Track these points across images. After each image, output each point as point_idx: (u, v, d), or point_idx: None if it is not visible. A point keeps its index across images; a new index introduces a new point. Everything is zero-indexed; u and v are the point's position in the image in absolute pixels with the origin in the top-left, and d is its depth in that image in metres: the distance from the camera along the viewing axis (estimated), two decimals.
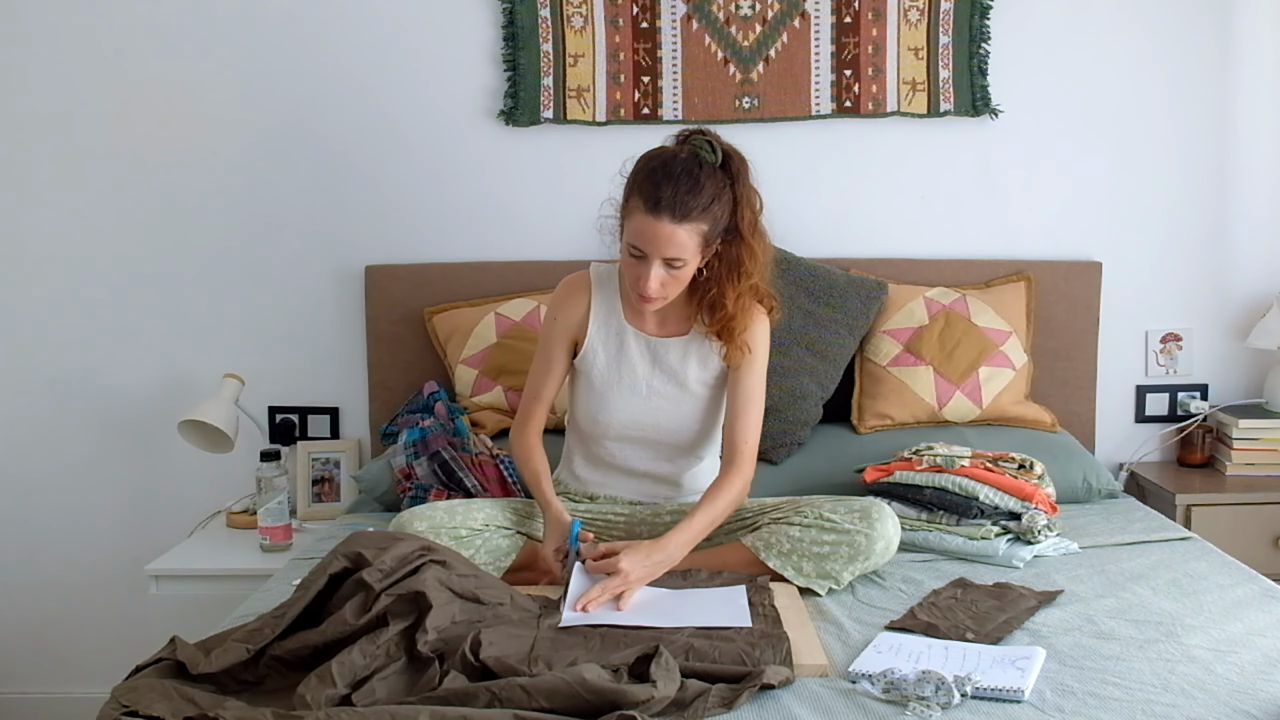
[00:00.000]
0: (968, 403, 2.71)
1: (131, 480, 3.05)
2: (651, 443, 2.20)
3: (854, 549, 2.01)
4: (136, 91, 2.94)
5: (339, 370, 3.02)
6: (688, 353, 2.17)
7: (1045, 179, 2.96)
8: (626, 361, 2.17)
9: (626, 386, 2.17)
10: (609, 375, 2.17)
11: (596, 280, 2.21)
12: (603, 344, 2.18)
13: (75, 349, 3.01)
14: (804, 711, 1.53)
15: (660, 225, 1.96)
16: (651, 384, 2.17)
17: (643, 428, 2.18)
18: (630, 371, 2.17)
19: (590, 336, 2.18)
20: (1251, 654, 1.70)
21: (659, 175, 1.99)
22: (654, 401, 2.17)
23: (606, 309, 2.19)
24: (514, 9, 2.88)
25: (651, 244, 1.98)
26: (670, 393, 2.17)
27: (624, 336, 2.18)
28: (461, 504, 2.12)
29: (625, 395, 2.17)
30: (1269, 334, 2.85)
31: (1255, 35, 2.92)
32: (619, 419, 2.17)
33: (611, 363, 2.17)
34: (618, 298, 2.20)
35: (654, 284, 2.01)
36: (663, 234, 1.97)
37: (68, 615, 3.08)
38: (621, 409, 2.17)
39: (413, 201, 2.96)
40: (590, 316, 2.19)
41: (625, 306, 2.19)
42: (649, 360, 2.17)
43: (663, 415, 2.17)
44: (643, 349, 2.18)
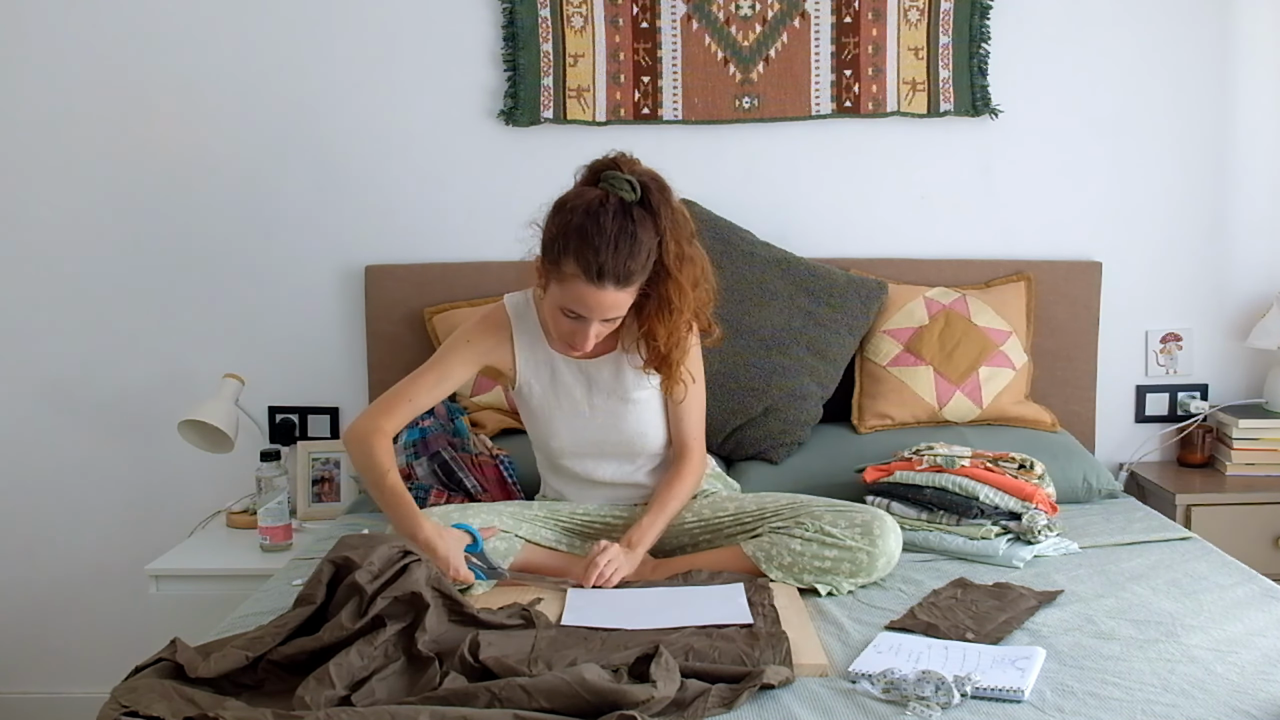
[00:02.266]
0: (968, 403, 2.71)
1: (131, 480, 3.05)
2: (608, 454, 2.20)
3: (855, 565, 2.01)
4: (136, 91, 2.94)
5: (339, 370, 3.02)
6: (620, 367, 2.15)
7: (1045, 179, 2.96)
8: (562, 388, 2.16)
9: (568, 411, 2.16)
10: (548, 402, 2.17)
11: (515, 316, 2.18)
12: (535, 376, 2.16)
13: (75, 349, 3.02)
14: (804, 711, 1.53)
15: (603, 294, 1.93)
16: (593, 403, 2.16)
17: (595, 444, 2.18)
18: (568, 396, 2.16)
19: (521, 372, 2.16)
20: (1251, 654, 1.70)
21: (594, 239, 1.91)
22: (599, 420, 2.16)
23: (530, 342, 2.17)
24: (514, 9, 2.88)
25: (593, 310, 1.96)
26: (613, 408, 2.16)
27: (553, 364, 2.16)
28: (457, 510, 2.10)
29: (569, 419, 2.16)
30: (1269, 334, 2.85)
31: (1255, 35, 2.92)
32: (569, 441, 2.18)
33: (548, 392, 2.16)
34: (539, 329, 2.17)
35: (591, 341, 2.01)
36: (605, 301, 1.94)
37: (68, 615, 3.08)
38: (568, 431, 2.17)
39: (413, 201, 2.96)
40: (516, 353, 2.16)
41: (548, 336, 2.16)
42: (584, 383, 2.16)
43: (610, 430, 2.17)
44: (575, 373, 2.16)
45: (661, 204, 1.98)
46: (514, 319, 2.17)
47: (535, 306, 2.17)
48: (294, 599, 1.70)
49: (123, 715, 1.47)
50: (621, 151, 2.03)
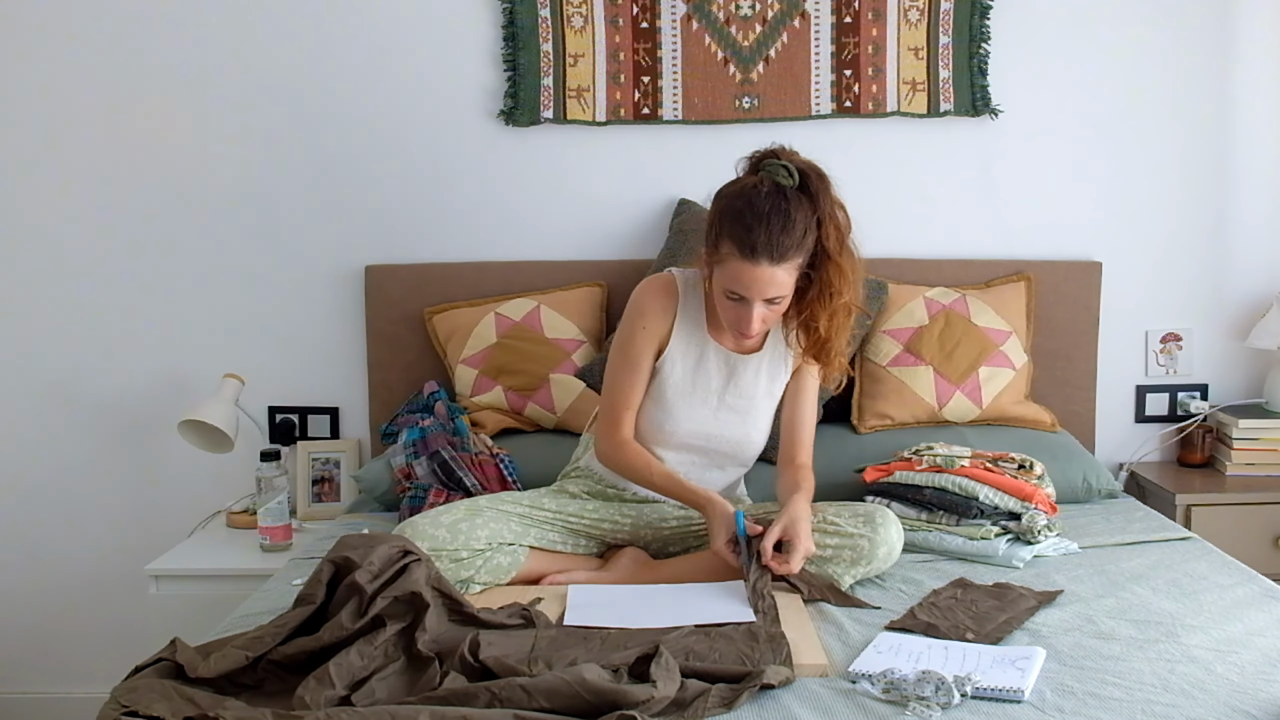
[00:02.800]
0: (968, 403, 2.71)
1: (131, 480, 3.05)
2: (710, 452, 2.21)
3: (856, 553, 2.01)
4: (136, 91, 2.94)
5: (339, 370, 3.02)
6: (761, 369, 2.19)
7: (1045, 179, 2.96)
8: (703, 374, 2.17)
9: (699, 399, 2.17)
10: (684, 386, 2.17)
11: (683, 290, 2.18)
12: (683, 355, 2.17)
13: (75, 349, 3.01)
14: (804, 711, 1.53)
15: (759, 270, 1.95)
16: (723, 398, 2.18)
17: (707, 438, 2.19)
18: (705, 384, 2.17)
19: (671, 346, 2.16)
20: (1251, 654, 1.70)
21: (749, 218, 1.95)
22: (722, 415, 2.18)
23: (691, 320, 2.17)
24: (514, 9, 2.88)
25: (751, 288, 1.98)
26: (739, 406, 2.19)
27: (705, 350, 2.17)
28: (465, 521, 2.05)
29: (696, 407, 2.17)
30: (1269, 334, 2.85)
31: (1255, 35, 2.91)
32: (685, 428, 2.18)
33: (688, 374, 2.17)
34: (702, 309, 2.17)
35: (757, 324, 2.02)
36: (762, 278, 1.96)
37: (68, 615, 3.08)
38: (690, 419, 2.18)
39: (413, 201, 2.96)
40: (675, 327, 2.16)
41: (709, 319, 2.17)
42: (725, 375, 2.18)
43: (728, 428, 2.19)
44: (721, 363, 2.17)
45: (820, 190, 2.01)
46: (681, 291, 2.17)
47: (702, 288, 2.17)
48: (294, 599, 1.70)
49: (123, 715, 1.47)
50: (781, 145, 2.06)
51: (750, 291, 1.98)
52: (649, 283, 2.20)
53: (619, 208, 2.96)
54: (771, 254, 1.95)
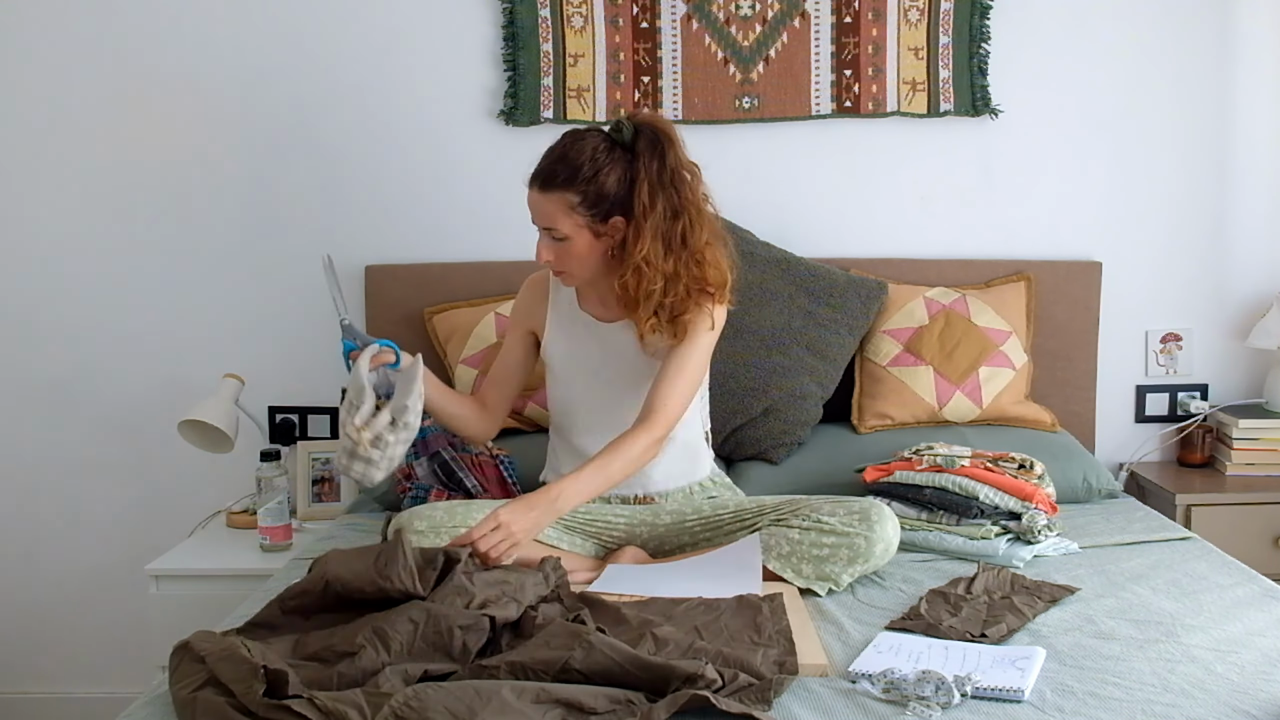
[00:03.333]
0: (968, 403, 2.71)
1: (131, 480, 3.05)
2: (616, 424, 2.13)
3: (853, 551, 2.01)
4: (136, 91, 2.94)
5: (339, 370, 3.00)
6: (630, 334, 2.20)
7: (1045, 179, 2.96)
8: (581, 349, 2.24)
9: (586, 376, 2.23)
10: (568, 366, 2.25)
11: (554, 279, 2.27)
12: (563, 335, 2.26)
13: (75, 349, 3.01)
14: (804, 711, 1.53)
15: (531, 194, 2.07)
16: (606, 363, 2.22)
17: (608, 413, 2.18)
18: (586, 359, 2.24)
19: (549, 330, 2.27)
20: (1251, 654, 1.70)
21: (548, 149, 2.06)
22: (613, 390, 2.22)
23: (565, 299, 2.27)
24: (514, 9, 2.88)
25: (532, 213, 2.09)
26: (625, 376, 2.21)
27: (575, 324, 2.25)
28: (461, 504, 2.11)
29: (587, 385, 2.24)
30: (1269, 334, 2.86)
31: (1255, 35, 2.92)
32: (582, 408, 2.23)
33: (568, 354, 2.25)
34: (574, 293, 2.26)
35: (542, 253, 2.10)
36: (531, 201, 2.07)
37: (68, 615, 3.08)
38: (582, 399, 2.23)
39: (413, 201, 2.96)
40: (550, 308, 2.27)
41: (579, 294, 2.26)
42: (598, 346, 2.23)
43: (624, 404, 2.17)
44: (590, 334, 2.24)
45: (646, 151, 2.03)
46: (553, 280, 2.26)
47: None
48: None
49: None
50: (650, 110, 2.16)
51: (533, 217, 2.08)
52: (525, 283, 2.35)
53: None
54: (537, 179, 2.04)
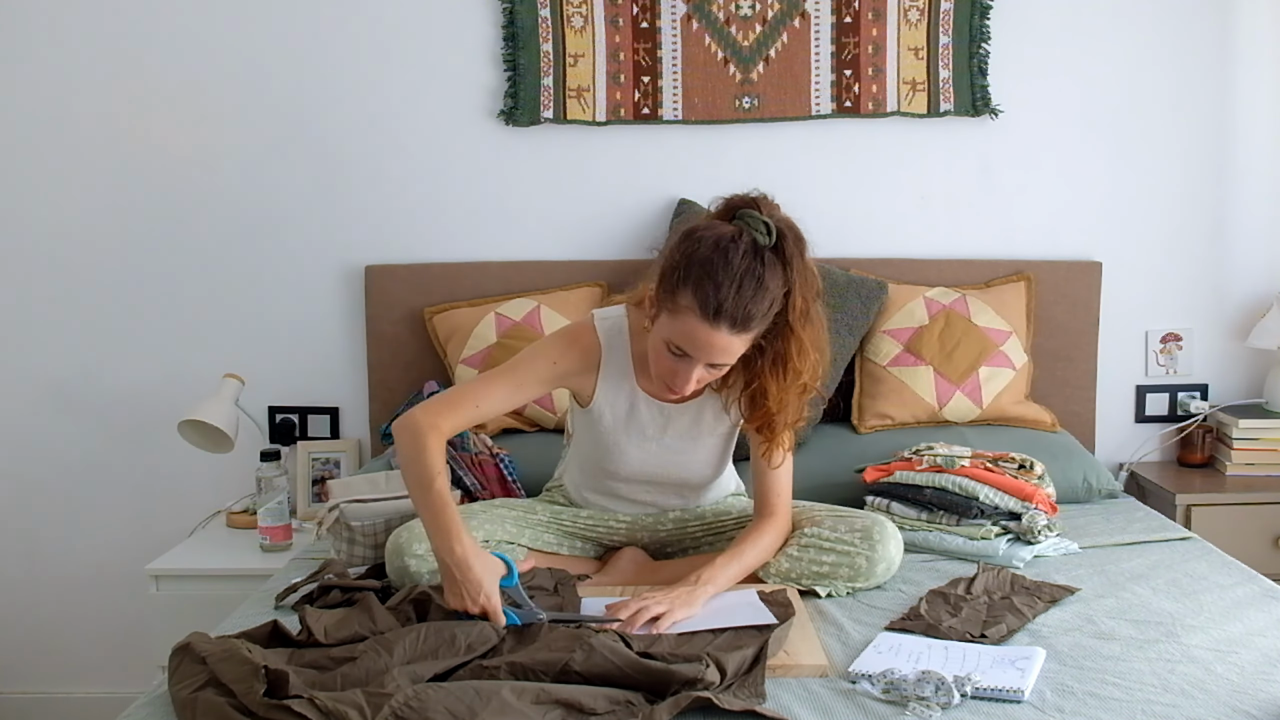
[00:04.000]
0: (968, 403, 2.71)
1: (131, 480, 3.05)
2: (662, 484, 2.13)
3: (854, 570, 2.00)
4: (136, 91, 2.94)
5: (339, 370, 3.02)
6: (701, 412, 2.06)
7: (1045, 179, 2.96)
8: (636, 423, 2.05)
9: (635, 443, 2.06)
10: (618, 431, 2.05)
11: (606, 343, 2.02)
12: (610, 406, 2.04)
13: (75, 349, 3.02)
14: (804, 711, 1.53)
15: (717, 335, 1.77)
16: (663, 441, 2.06)
17: (651, 475, 2.11)
18: (639, 432, 2.05)
19: (598, 400, 2.03)
20: (1251, 654, 1.70)
21: (718, 273, 1.75)
22: (665, 456, 2.08)
23: (618, 374, 2.02)
24: (514, 9, 2.88)
25: (701, 350, 1.80)
26: (683, 447, 2.08)
27: (635, 401, 2.04)
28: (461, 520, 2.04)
29: (634, 450, 2.06)
30: (1269, 334, 2.85)
31: (1255, 35, 2.92)
32: (627, 469, 2.09)
33: (620, 422, 2.05)
34: (628, 360, 2.02)
35: (692, 385, 1.85)
36: (718, 344, 1.78)
37: (68, 615, 3.08)
38: (631, 461, 2.07)
39: (413, 201, 2.96)
40: (599, 382, 2.02)
41: (637, 371, 2.02)
42: (661, 422, 2.05)
43: (673, 466, 2.10)
44: (654, 413, 2.05)
45: (795, 255, 1.82)
46: (605, 347, 2.01)
47: (629, 334, 2.01)
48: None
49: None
50: (762, 194, 1.86)
51: (699, 353, 1.80)
52: (571, 336, 2.03)
53: (619, 208, 2.96)
54: (734, 321, 1.76)
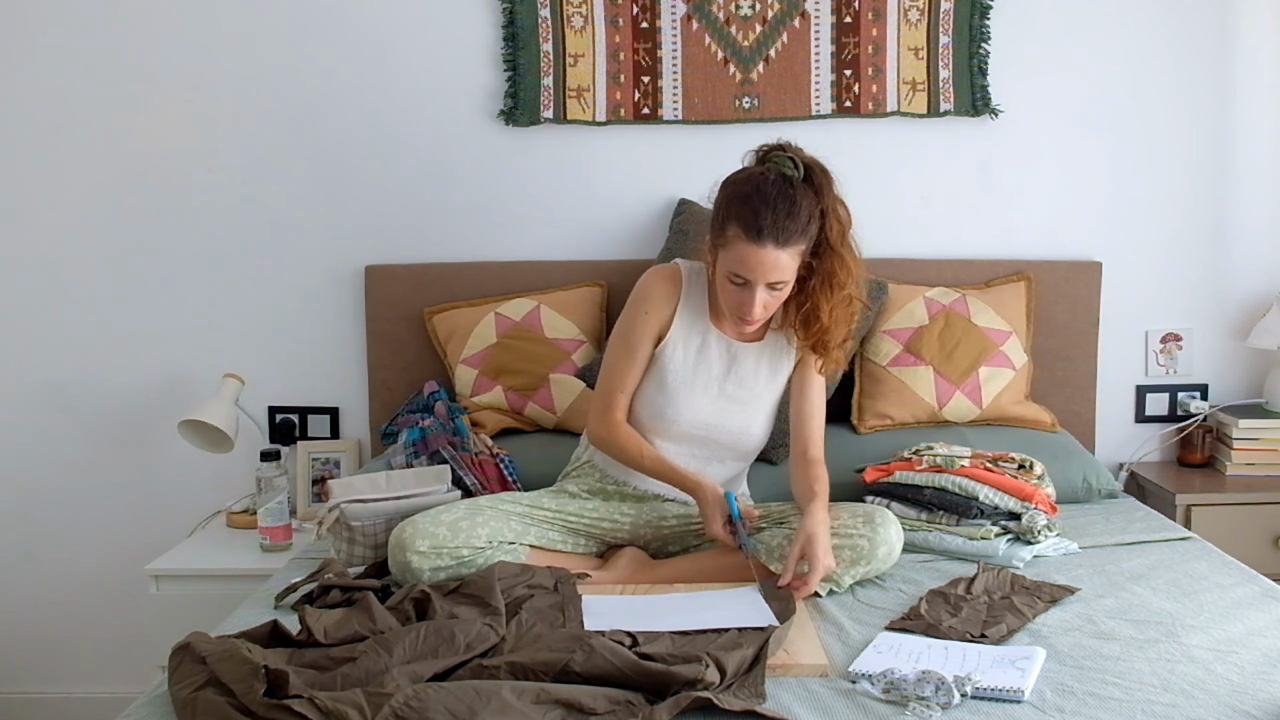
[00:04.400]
0: (968, 403, 2.71)
1: (131, 480, 3.05)
2: (709, 443, 2.21)
3: (856, 553, 2.01)
4: (136, 91, 2.94)
5: (339, 370, 3.02)
6: (761, 358, 2.21)
7: (1045, 179, 2.96)
8: (704, 362, 2.19)
9: (700, 386, 2.19)
10: (685, 373, 2.18)
11: (687, 278, 2.21)
12: (684, 342, 2.19)
13: (75, 349, 3.02)
14: (804, 711, 1.53)
15: (764, 252, 1.98)
16: (724, 387, 2.20)
17: (707, 427, 2.20)
18: (706, 372, 2.19)
19: (673, 333, 2.19)
20: (1251, 654, 1.70)
21: (756, 202, 1.99)
22: (723, 404, 2.20)
23: (694, 308, 2.20)
24: (514, 9, 2.88)
25: (756, 270, 2.00)
26: (741, 395, 2.20)
27: (707, 337, 2.19)
28: (466, 517, 2.05)
29: (698, 395, 2.19)
30: (1269, 334, 2.85)
31: (1255, 35, 2.92)
32: (686, 417, 2.19)
33: (689, 361, 2.19)
34: (705, 298, 2.20)
35: (759, 309, 2.04)
36: (767, 260, 1.99)
37: (68, 615, 3.08)
38: (691, 408, 2.19)
39: (413, 201, 2.96)
40: (677, 313, 2.19)
41: (711, 308, 2.20)
42: (726, 363, 2.20)
43: (729, 418, 2.20)
44: (722, 351, 2.20)
45: (824, 184, 2.06)
46: (686, 279, 2.20)
47: (707, 282, 2.20)
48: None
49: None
50: (787, 141, 2.10)
51: (755, 274, 2.01)
52: (654, 271, 2.24)
53: (619, 208, 2.96)
54: (777, 237, 1.98)
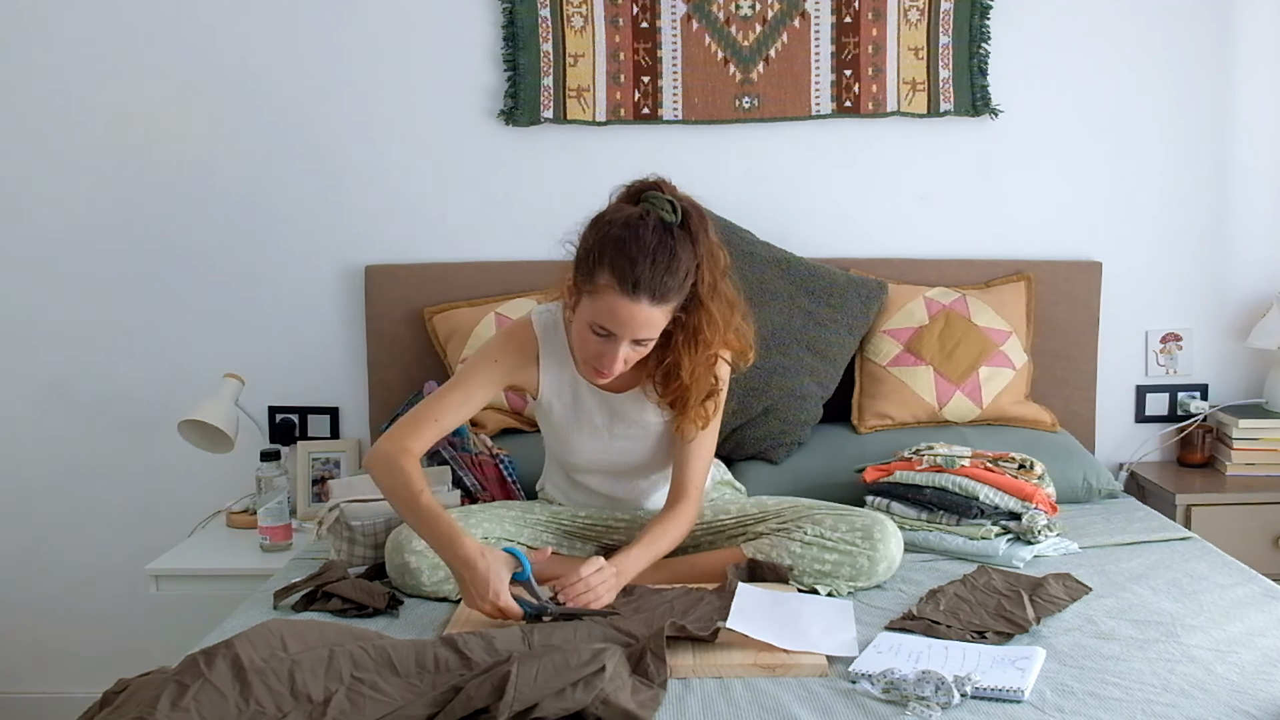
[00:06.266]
0: (968, 403, 2.71)
1: (131, 480, 3.05)
2: (622, 468, 2.18)
3: (856, 569, 2.01)
4: (136, 90, 2.94)
5: (339, 370, 3.02)
6: (642, 402, 2.09)
7: (1045, 179, 2.96)
8: (583, 412, 2.11)
9: (587, 433, 2.12)
10: (568, 423, 2.12)
11: (543, 334, 2.09)
12: (557, 396, 2.10)
13: (75, 349, 3.02)
14: (804, 711, 1.53)
15: (637, 308, 1.84)
16: (613, 429, 2.11)
17: (610, 463, 2.16)
18: (589, 422, 2.11)
19: (544, 391, 2.10)
20: (1251, 654, 1.70)
21: (633, 250, 1.84)
22: (616, 444, 2.13)
23: (558, 363, 2.09)
24: (514, 9, 2.88)
25: (624, 326, 1.86)
26: (633, 433, 2.12)
27: (578, 390, 2.10)
28: (461, 518, 2.04)
29: (587, 439, 2.12)
30: (1269, 334, 2.85)
31: (1255, 35, 2.92)
32: (584, 459, 2.15)
33: (569, 412, 2.11)
34: (566, 349, 2.08)
35: (619, 364, 1.91)
36: (639, 316, 1.85)
37: (68, 615, 3.08)
38: (585, 450, 2.13)
39: (413, 201, 2.96)
40: (541, 373, 2.09)
41: (577, 359, 2.06)
42: (605, 413, 2.11)
43: (627, 454, 2.14)
44: (599, 402, 2.10)
45: (700, 231, 1.91)
46: (541, 337, 2.09)
47: (564, 326, 2.07)
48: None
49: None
50: (661, 178, 1.95)
51: (622, 329, 1.86)
52: (508, 334, 2.12)
53: None
54: (653, 293, 1.84)
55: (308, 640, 1.58)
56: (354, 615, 1.90)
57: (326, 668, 1.52)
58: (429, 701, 1.47)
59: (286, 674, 1.50)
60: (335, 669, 1.52)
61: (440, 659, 1.58)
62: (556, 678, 1.48)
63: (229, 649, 1.52)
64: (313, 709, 1.46)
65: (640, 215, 1.88)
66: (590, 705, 1.45)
